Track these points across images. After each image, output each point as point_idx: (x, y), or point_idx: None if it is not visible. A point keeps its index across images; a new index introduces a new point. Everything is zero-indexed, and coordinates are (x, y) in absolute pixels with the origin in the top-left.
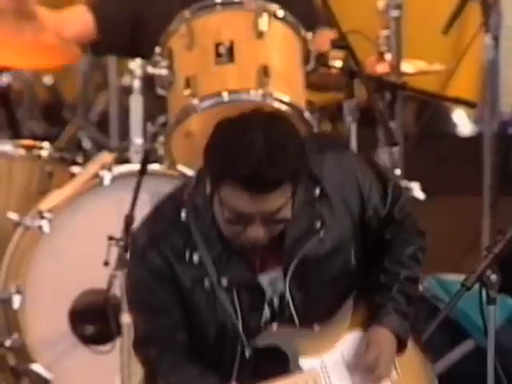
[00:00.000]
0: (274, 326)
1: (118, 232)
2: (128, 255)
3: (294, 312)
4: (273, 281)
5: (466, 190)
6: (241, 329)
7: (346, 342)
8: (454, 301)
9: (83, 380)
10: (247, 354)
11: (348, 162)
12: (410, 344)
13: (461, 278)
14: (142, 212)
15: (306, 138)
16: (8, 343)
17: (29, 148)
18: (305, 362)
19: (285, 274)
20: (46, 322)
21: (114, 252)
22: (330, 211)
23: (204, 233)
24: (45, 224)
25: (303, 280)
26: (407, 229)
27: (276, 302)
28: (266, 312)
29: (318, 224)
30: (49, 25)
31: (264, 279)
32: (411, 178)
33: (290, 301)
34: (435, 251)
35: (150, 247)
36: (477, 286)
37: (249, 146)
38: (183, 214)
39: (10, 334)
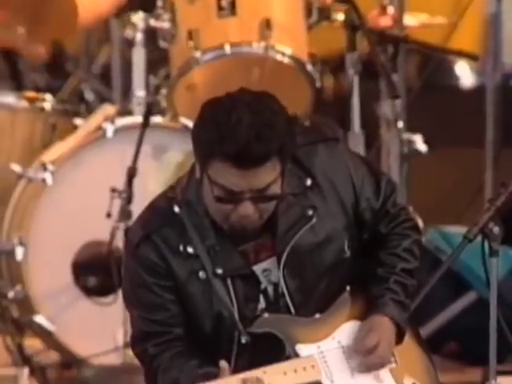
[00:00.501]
0: (268, 314)
1: (120, 184)
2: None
3: (289, 301)
4: (267, 270)
5: (469, 143)
6: (237, 317)
7: (342, 331)
8: (456, 253)
9: (86, 331)
10: (243, 340)
11: (340, 154)
12: (408, 336)
13: (463, 230)
14: (144, 164)
15: (298, 130)
16: (11, 295)
17: (32, 100)
18: (302, 348)
19: (278, 263)
20: (48, 273)
21: (117, 204)
22: (322, 200)
23: (197, 225)
24: (48, 176)
25: (297, 269)
26: (402, 223)
27: (271, 291)
28: (261, 302)
29: (310, 212)
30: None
31: (258, 269)
32: (414, 131)
33: (285, 289)
34: (438, 203)
35: (144, 242)
36: (479, 238)
37: (237, 123)
38: (176, 209)
39: (13, 285)
